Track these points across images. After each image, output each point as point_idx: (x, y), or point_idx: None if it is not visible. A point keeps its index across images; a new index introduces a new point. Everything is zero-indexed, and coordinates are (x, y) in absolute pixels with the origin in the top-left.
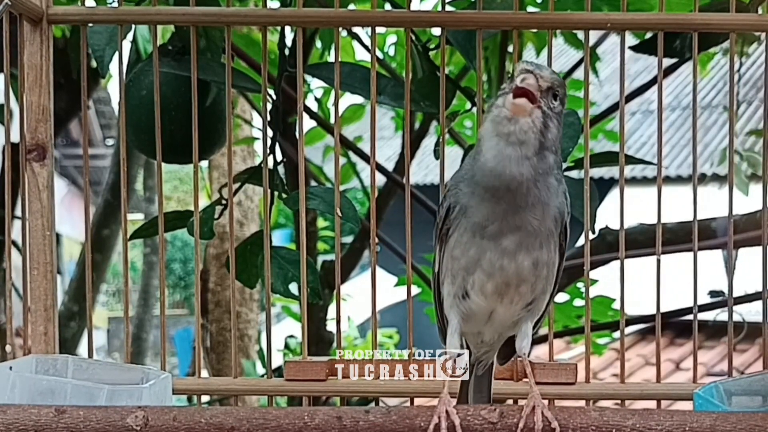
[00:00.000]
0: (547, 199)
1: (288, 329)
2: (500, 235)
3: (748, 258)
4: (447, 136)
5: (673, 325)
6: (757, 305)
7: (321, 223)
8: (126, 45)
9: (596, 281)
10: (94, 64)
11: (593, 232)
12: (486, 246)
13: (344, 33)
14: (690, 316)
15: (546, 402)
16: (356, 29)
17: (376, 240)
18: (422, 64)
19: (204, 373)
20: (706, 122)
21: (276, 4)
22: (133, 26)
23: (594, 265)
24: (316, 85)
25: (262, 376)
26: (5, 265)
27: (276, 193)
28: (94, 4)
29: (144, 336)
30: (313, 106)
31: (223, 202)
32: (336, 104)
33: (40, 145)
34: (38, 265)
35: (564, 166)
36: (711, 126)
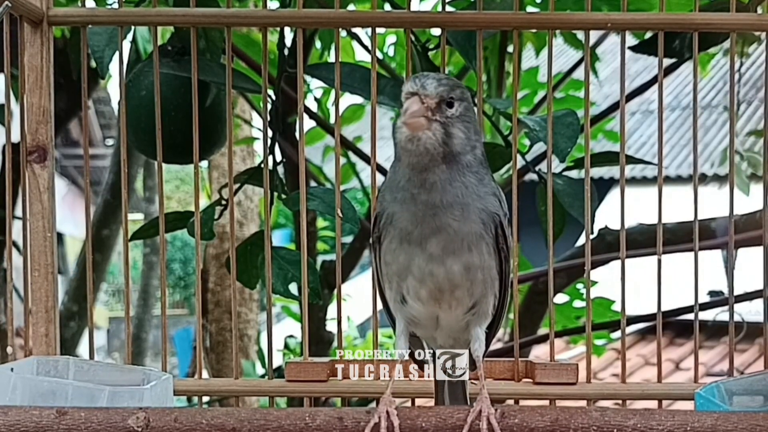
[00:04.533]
0: (464, 198)
1: (288, 329)
2: (425, 240)
3: (748, 258)
4: None
5: (673, 325)
6: (757, 305)
7: (321, 223)
8: (126, 45)
9: (596, 282)
10: (93, 64)
11: (593, 233)
12: (413, 252)
13: (344, 33)
14: (690, 316)
15: (494, 410)
16: (356, 29)
17: None
18: (422, 64)
19: (204, 374)
20: (706, 122)
21: (275, 5)
22: (133, 27)
23: (594, 266)
24: (316, 85)
25: (262, 376)
26: (6, 266)
27: (276, 193)
28: (94, 5)
29: (144, 336)
30: (313, 107)
31: (223, 202)
32: (336, 104)
33: (40, 146)
34: (39, 266)
35: (564, 165)
36: (711, 126)
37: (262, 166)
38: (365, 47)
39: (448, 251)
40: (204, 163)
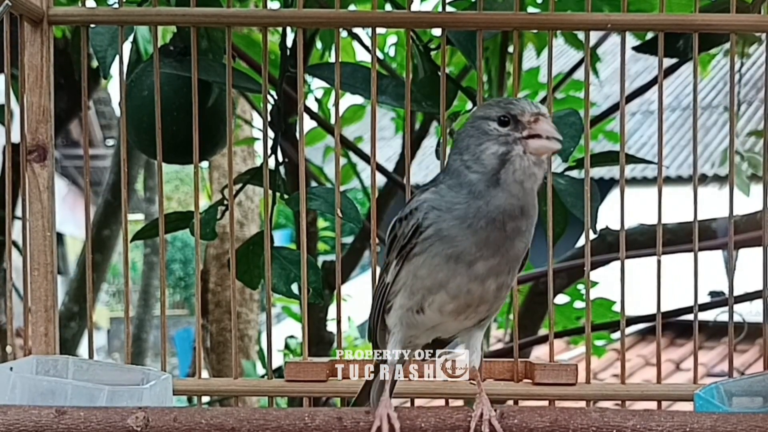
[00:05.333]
0: (533, 225)
1: (288, 329)
2: (476, 262)
3: (749, 258)
4: (448, 136)
5: (674, 326)
6: (757, 305)
7: (321, 223)
8: (127, 46)
9: (597, 283)
10: (94, 64)
11: (594, 233)
12: (457, 271)
13: (344, 33)
14: (690, 317)
15: (494, 412)
16: (357, 30)
17: (377, 240)
18: (423, 64)
19: (204, 374)
20: (706, 123)
21: (276, 5)
22: (134, 27)
23: (594, 266)
24: (317, 85)
25: (263, 376)
26: (6, 265)
27: (277, 193)
28: (94, 4)
29: (144, 336)
30: (314, 107)
31: (224, 202)
32: (336, 105)
33: (40, 146)
34: (39, 265)
35: (565, 165)
36: (711, 126)
37: (263, 166)
38: (366, 47)
39: (493, 272)
40: (204, 164)
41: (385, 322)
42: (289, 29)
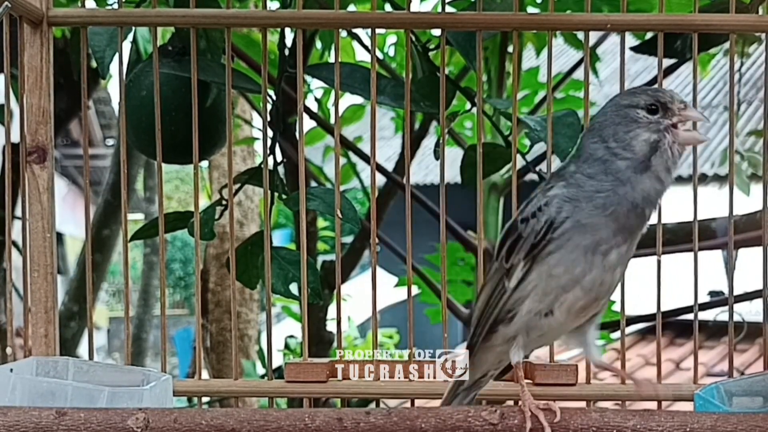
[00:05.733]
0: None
1: (288, 329)
2: (610, 251)
3: (749, 258)
4: (447, 136)
5: (673, 325)
6: (757, 305)
7: (321, 223)
8: (126, 46)
9: None
10: (94, 64)
11: None
12: (594, 263)
13: (344, 34)
14: (690, 316)
15: (540, 407)
16: (356, 30)
17: (377, 240)
18: (422, 64)
19: (204, 374)
20: (706, 122)
21: (276, 6)
22: (133, 28)
23: None
24: (316, 85)
25: (262, 376)
26: (5, 266)
27: (276, 193)
28: (94, 5)
29: (144, 336)
30: (313, 107)
31: (224, 202)
32: (336, 104)
33: (40, 147)
34: (39, 266)
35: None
36: (711, 126)
37: (263, 166)
38: (365, 47)
39: (622, 261)
40: (204, 163)
41: (493, 333)
42: (288, 30)
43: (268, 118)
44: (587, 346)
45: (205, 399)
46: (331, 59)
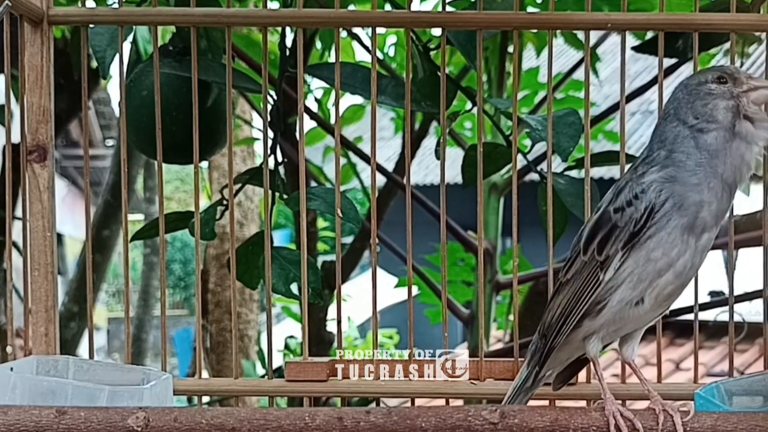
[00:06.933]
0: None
1: (288, 329)
2: (704, 232)
3: (749, 258)
4: (447, 136)
5: (673, 325)
6: (757, 305)
7: (321, 223)
8: (126, 46)
9: None
10: (94, 64)
11: None
12: (688, 243)
13: (344, 33)
14: (690, 316)
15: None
16: (356, 30)
17: (377, 240)
18: (423, 64)
19: (204, 374)
20: None
21: (276, 5)
22: (134, 27)
23: None
24: (317, 85)
25: (263, 376)
26: (6, 266)
27: (276, 193)
28: (94, 5)
29: (144, 336)
30: (314, 107)
31: (224, 202)
32: (336, 105)
33: (40, 146)
34: (39, 266)
35: (565, 165)
36: None
37: (263, 166)
38: (366, 47)
39: (709, 242)
40: (204, 164)
41: (576, 328)
42: (288, 29)
43: (269, 119)
44: (632, 340)
45: (205, 398)
46: (332, 59)
